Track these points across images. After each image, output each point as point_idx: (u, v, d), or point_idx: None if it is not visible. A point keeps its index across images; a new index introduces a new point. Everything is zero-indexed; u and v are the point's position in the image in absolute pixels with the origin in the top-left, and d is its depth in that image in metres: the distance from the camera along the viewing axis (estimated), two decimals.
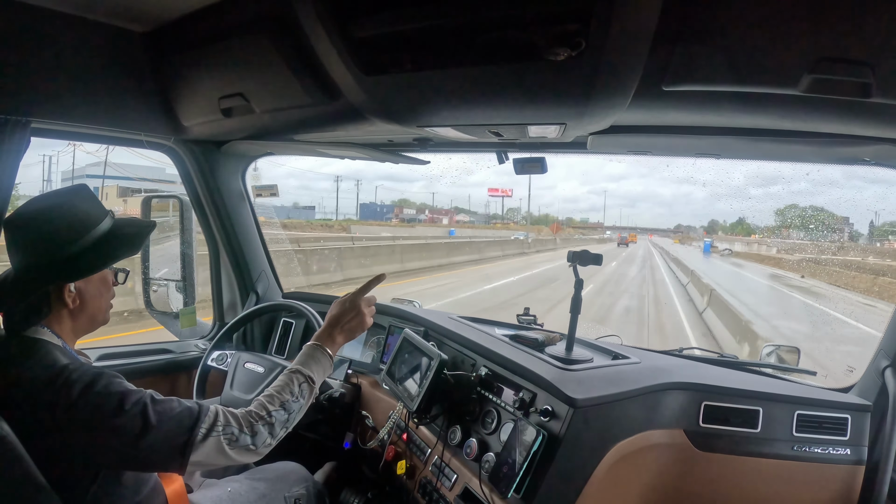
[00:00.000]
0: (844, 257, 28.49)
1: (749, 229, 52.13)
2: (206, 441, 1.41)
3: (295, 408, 1.60)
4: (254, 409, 1.53)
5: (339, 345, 1.82)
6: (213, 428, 1.43)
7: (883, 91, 1.21)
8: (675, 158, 2.31)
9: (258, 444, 1.49)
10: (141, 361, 2.78)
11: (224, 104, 2.00)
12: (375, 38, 1.36)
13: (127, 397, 1.37)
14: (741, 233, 51.74)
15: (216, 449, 1.42)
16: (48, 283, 1.47)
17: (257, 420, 1.51)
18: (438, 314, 2.83)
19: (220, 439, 1.43)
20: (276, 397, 1.58)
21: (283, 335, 3.11)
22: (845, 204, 53.51)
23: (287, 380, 1.64)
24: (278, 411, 1.55)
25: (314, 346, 1.76)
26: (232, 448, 1.44)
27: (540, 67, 1.26)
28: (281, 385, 1.62)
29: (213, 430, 1.43)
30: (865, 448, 2.00)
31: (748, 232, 50.24)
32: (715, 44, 1.23)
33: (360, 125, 1.91)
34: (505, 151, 2.45)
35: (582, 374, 2.01)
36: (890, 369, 1.96)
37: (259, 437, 1.49)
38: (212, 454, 1.42)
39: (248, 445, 1.47)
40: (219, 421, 1.45)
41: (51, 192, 1.57)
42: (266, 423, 1.51)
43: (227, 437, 1.44)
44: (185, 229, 2.97)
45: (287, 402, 1.58)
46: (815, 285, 22.24)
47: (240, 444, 1.46)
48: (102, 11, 1.80)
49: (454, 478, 2.02)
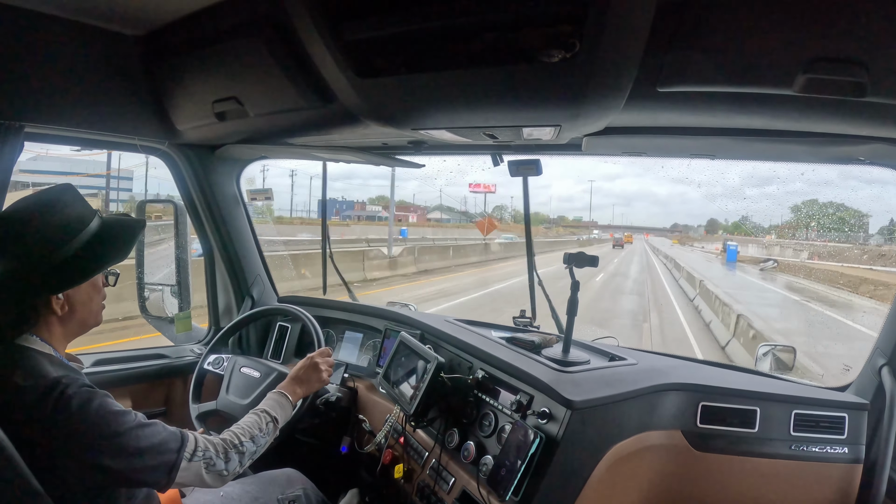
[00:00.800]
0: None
1: (757, 229, 47.09)
2: (190, 464, 1.51)
3: (262, 442, 1.75)
4: (228, 437, 1.65)
5: (299, 396, 2.05)
6: (195, 452, 1.53)
7: (877, 90, 1.21)
8: (670, 159, 2.31)
9: (230, 469, 1.61)
10: (136, 367, 2.76)
11: (218, 108, 1.99)
12: (369, 41, 1.36)
13: (120, 419, 1.41)
14: (743, 233, 47.31)
15: (196, 472, 1.52)
16: (36, 297, 1.46)
17: (231, 448, 1.62)
18: (434, 317, 2.83)
19: (201, 464, 1.53)
20: (247, 430, 1.71)
21: (278, 339, 3.10)
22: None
23: (256, 418, 1.79)
24: (249, 443, 1.68)
25: (279, 393, 1.96)
26: (208, 472, 1.55)
27: (534, 69, 1.26)
28: (251, 421, 1.76)
29: (195, 454, 1.53)
30: (863, 447, 2.00)
31: (751, 233, 45.92)
32: (709, 45, 1.23)
33: (354, 128, 1.90)
34: (500, 153, 2.45)
35: (579, 376, 2.01)
36: (886, 368, 1.96)
37: (231, 463, 1.61)
38: (191, 476, 1.52)
39: (222, 471, 1.58)
40: (199, 446, 1.54)
41: (36, 193, 1.53)
42: (238, 452, 1.64)
43: (205, 462, 1.54)
44: (180, 233, 2.96)
45: (256, 436, 1.72)
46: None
47: (216, 469, 1.56)
48: (96, 15, 1.79)
49: (452, 481, 2.02)
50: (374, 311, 2.98)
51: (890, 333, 1.98)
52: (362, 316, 3.01)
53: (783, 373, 2.41)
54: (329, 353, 2.21)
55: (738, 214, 64.92)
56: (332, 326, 3.08)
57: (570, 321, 2.16)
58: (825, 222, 24.77)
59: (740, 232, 47.53)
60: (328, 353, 2.20)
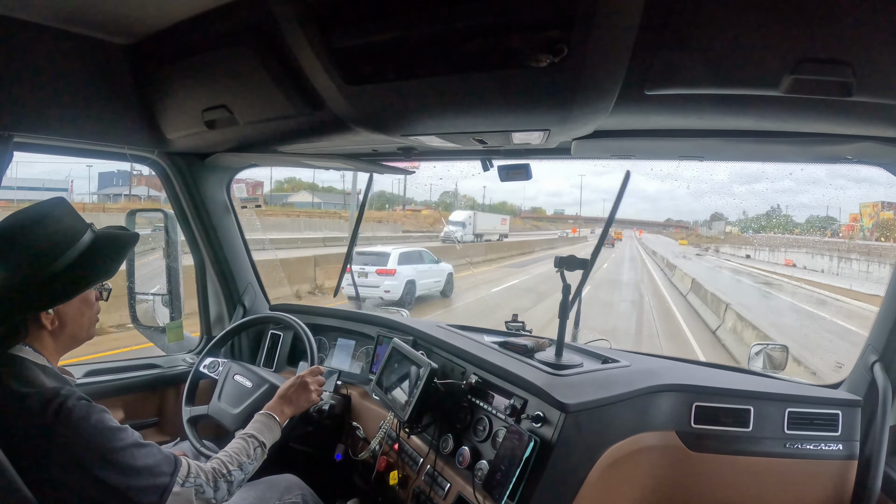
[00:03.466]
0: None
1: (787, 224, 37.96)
2: (182, 489, 1.50)
3: (250, 469, 1.74)
4: (217, 466, 1.64)
5: (287, 416, 2.02)
6: (187, 478, 1.52)
7: (863, 89, 1.22)
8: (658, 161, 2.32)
9: (218, 498, 1.59)
10: (128, 377, 2.74)
11: (207, 116, 1.98)
12: (357, 48, 1.36)
13: (118, 434, 1.43)
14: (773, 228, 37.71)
15: (187, 498, 1.51)
16: (25, 312, 1.46)
17: (220, 477, 1.62)
18: (427, 323, 2.83)
19: (192, 490, 1.52)
20: (234, 458, 1.70)
21: (271, 347, 3.09)
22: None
23: (245, 444, 1.77)
24: (237, 471, 1.67)
25: (267, 415, 1.94)
26: (197, 499, 1.53)
27: (523, 74, 1.27)
28: (239, 448, 1.75)
29: (188, 480, 1.52)
30: (857, 443, 2.01)
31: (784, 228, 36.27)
32: (696, 47, 1.24)
33: (343, 135, 1.90)
34: (489, 158, 2.46)
35: (572, 379, 2.01)
36: (878, 364, 1.97)
37: (220, 492, 1.60)
38: (181, 502, 1.50)
39: (210, 499, 1.57)
40: (191, 473, 1.54)
41: (29, 206, 1.53)
42: (227, 481, 1.63)
43: (196, 489, 1.53)
44: (171, 242, 2.95)
45: (244, 463, 1.71)
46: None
47: (205, 496, 1.55)
48: (85, 24, 1.78)
49: (447, 486, 2.01)
50: (366, 317, 2.98)
51: (881, 330, 1.99)
52: (354, 323, 3.01)
53: (776, 371, 2.42)
54: (320, 371, 2.22)
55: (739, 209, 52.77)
56: (325, 334, 3.07)
57: (562, 324, 2.17)
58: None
59: (768, 229, 38.00)
60: (319, 372, 2.20)
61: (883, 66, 1.19)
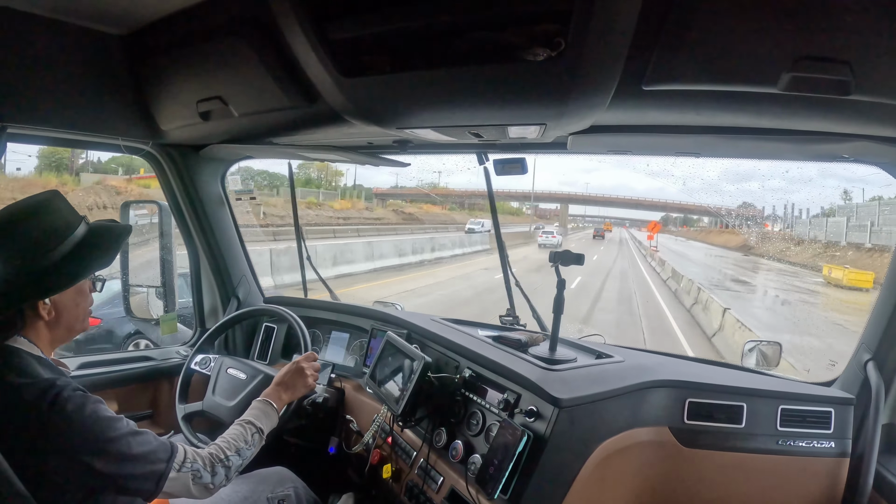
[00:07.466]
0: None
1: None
2: (178, 475, 1.52)
3: (247, 455, 1.75)
4: (214, 451, 1.65)
5: (285, 402, 2.03)
6: (183, 463, 1.54)
7: (861, 88, 1.22)
8: (654, 157, 2.32)
9: (216, 483, 1.61)
10: (122, 369, 2.74)
11: (202, 107, 1.97)
12: (354, 40, 1.35)
13: (113, 424, 1.43)
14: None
15: (183, 483, 1.53)
16: (22, 302, 1.46)
17: (218, 462, 1.63)
18: (420, 316, 2.82)
19: (189, 475, 1.54)
20: (232, 444, 1.71)
21: (265, 340, 3.09)
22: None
23: (242, 430, 1.78)
24: (234, 456, 1.68)
25: (265, 402, 1.94)
26: (195, 484, 1.56)
27: (519, 68, 1.26)
28: (237, 434, 1.76)
29: (184, 465, 1.54)
30: (850, 440, 2.02)
31: None
32: (695, 43, 1.23)
33: (339, 128, 1.89)
34: (485, 152, 2.45)
35: (566, 374, 2.01)
36: (872, 363, 1.98)
37: (217, 477, 1.61)
38: (178, 487, 1.53)
39: (208, 484, 1.59)
40: (187, 458, 1.56)
41: (24, 198, 1.53)
42: (224, 466, 1.64)
43: (193, 474, 1.55)
44: (165, 234, 2.93)
45: (242, 449, 1.72)
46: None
47: (202, 481, 1.57)
48: (79, 14, 1.77)
49: (441, 480, 2.02)
50: (360, 310, 2.97)
51: (875, 328, 2.00)
52: (348, 316, 3.00)
53: (769, 368, 2.43)
54: (315, 357, 2.20)
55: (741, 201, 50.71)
56: (319, 327, 3.06)
57: (556, 319, 2.16)
58: None
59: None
60: (314, 358, 2.18)
61: (881, 66, 1.18)
